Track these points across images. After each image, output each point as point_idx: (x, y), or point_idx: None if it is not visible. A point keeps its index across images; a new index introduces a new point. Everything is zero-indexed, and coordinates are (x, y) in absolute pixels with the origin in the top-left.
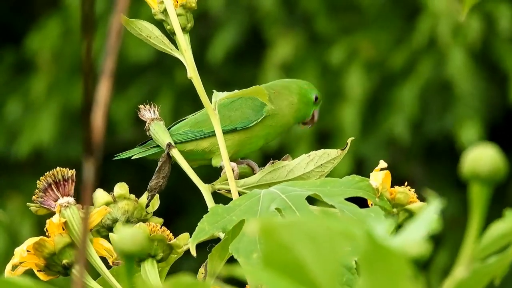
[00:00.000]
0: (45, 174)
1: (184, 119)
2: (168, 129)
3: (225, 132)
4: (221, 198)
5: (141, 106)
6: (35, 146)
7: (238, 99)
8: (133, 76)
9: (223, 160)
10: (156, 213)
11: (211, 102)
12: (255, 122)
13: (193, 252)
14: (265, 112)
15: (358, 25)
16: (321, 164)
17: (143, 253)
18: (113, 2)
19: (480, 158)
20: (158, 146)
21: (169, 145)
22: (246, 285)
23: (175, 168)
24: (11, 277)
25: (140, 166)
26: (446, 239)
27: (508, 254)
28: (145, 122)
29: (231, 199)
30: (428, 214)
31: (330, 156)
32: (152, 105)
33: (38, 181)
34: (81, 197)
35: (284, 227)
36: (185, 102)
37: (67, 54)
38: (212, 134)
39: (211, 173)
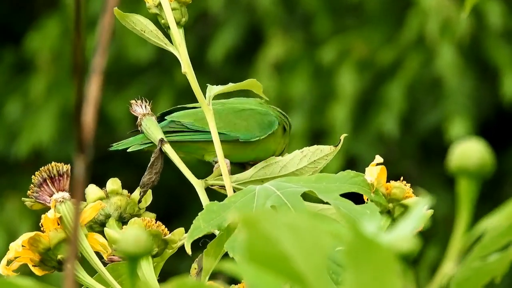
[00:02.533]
0: (40, 169)
1: (187, 107)
2: (170, 113)
3: (226, 140)
4: (214, 194)
5: (133, 102)
6: (35, 146)
7: (248, 109)
8: (133, 76)
9: (218, 156)
10: (153, 212)
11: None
12: (257, 138)
13: (188, 251)
14: (270, 131)
15: (350, 24)
16: (314, 160)
17: (147, 254)
18: (105, 1)
19: (468, 152)
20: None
21: (161, 140)
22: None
23: (173, 168)
24: (11, 277)
25: (139, 165)
26: (437, 237)
27: (508, 253)
28: (137, 117)
29: (225, 195)
30: (418, 210)
31: (323, 152)
32: (143, 100)
33: (33, 176)
34: (73, 193)
35: (266, 219)
36: (185, 102)
37: (67, 54)
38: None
39: (204, 170)
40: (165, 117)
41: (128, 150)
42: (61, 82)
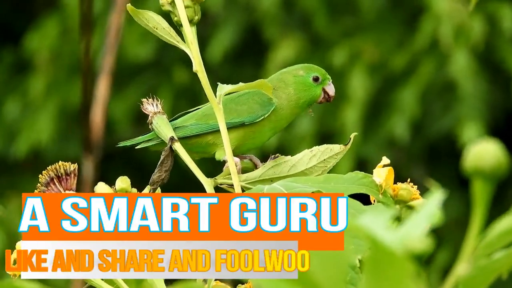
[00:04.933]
0: (47, 168)
1: (189, 112)
2: (172, 121)
3: (232, 126)
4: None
5: (144, 100)
6: (34, 146)
7: (244, 93)
8: (132, 75)
9: (227, 155)
10: None
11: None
12: (262, 117)
13: None
14: (272, 106)
15: (360, 27)
16: (324, 160)
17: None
18: (112, 1)
19: (483, 153)
20: (161, 139)
21: (171, 138)
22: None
23: (181, 166)
24: (17, 280)
25: (139, 166)
26: (447, 240)
27: None
28: (148, 116)
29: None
30: (429, 207)
31: (333, 151)
32: (154, 99)
33: (40, 175)
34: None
35: None
36: (184, 101)
37: (66, 53)
38: (218, 128)
39: (213, 169)
40: None
41: (136, 147)
42: (60, 81)
